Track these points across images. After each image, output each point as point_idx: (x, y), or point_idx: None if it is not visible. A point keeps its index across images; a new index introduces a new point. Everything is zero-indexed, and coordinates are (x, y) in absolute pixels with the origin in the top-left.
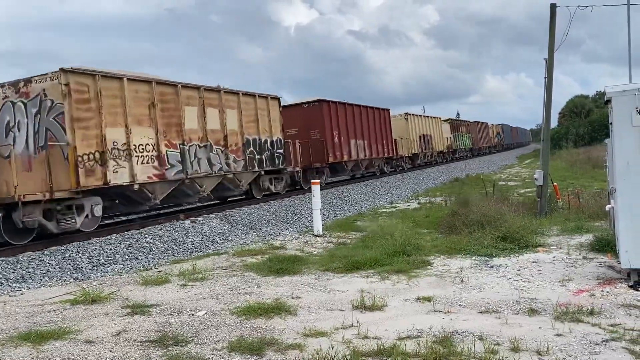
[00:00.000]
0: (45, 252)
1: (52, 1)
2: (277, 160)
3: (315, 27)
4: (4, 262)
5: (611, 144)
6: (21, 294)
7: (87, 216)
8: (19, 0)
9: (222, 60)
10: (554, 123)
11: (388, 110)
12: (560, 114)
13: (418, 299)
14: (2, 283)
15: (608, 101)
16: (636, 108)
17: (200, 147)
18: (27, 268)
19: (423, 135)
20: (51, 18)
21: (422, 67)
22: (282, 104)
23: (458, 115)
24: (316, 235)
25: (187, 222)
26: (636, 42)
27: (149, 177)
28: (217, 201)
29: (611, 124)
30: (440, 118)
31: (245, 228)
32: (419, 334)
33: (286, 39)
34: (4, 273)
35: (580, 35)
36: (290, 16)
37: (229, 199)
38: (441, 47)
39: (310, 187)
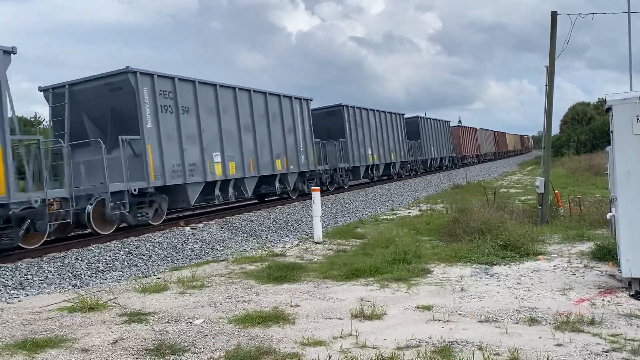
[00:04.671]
0: (44, 258)
1: (53, 8)
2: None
3: (317, 33)
4: (2, 269)
5: (612, 152)
6: (19, 301)
7: None
8: (20, 7)
9: (222, 66)
10: (555, 130)
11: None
12: (562, 121)
13: (418, 307)
14: (0, 290)
15: (609, 109)
16: (637, 116)
17: None
18: (25, 275)
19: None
20: (52, 25)
21: (426, 73)
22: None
23: (460, 122)
24: (316, 242)
25: (187, 228)
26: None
27: None
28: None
29: (612, 132)
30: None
31: (246, 235)
32: (418, 343)
33: (288, 45)
34: (2, 280)
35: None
36: (292, 23)
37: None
38: (445, 54)
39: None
